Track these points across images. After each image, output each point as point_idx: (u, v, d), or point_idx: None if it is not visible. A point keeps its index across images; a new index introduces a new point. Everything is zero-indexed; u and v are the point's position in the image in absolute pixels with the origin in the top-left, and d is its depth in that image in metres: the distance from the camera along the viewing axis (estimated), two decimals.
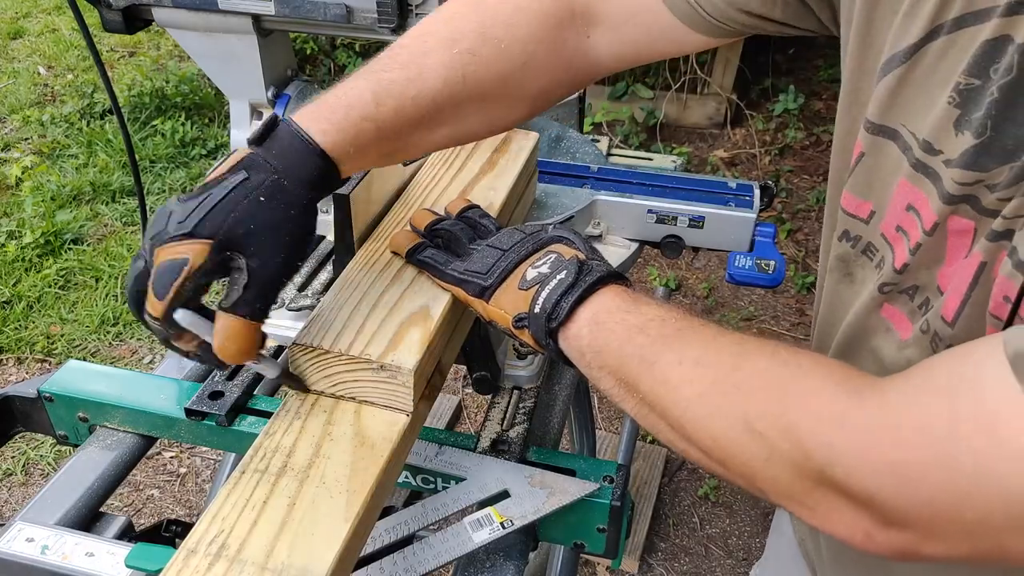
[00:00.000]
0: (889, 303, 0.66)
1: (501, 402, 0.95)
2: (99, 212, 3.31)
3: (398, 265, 0.83)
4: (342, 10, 0.95)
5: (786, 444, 0.53)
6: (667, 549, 2.20)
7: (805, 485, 0.53)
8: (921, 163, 0.60)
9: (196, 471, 2.39)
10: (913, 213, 0.61)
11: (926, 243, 0.60)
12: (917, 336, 0.63)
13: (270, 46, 1.04)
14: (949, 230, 0.58)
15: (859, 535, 0.53)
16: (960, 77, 0.55)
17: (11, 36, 4.70)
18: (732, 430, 0.56)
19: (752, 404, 0.56)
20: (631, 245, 1.12)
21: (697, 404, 0.59)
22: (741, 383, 0.57)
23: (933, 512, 0.48)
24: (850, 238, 0.70)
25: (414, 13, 0.96)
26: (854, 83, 0.67)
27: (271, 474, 0.67)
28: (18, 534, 0.80)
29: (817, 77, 4.17)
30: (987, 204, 0.55)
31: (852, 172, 0.67)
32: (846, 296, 0.72)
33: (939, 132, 0.58)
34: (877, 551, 0.53)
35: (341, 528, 0.63)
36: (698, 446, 0.59)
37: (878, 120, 0.63)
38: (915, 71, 0.59)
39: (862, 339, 0.69)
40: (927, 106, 0.59)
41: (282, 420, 0.72)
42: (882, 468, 0.49)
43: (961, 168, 0.55)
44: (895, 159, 0.62)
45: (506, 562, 0.81)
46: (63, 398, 0.93)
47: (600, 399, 2.60)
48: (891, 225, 0.64)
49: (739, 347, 0.60)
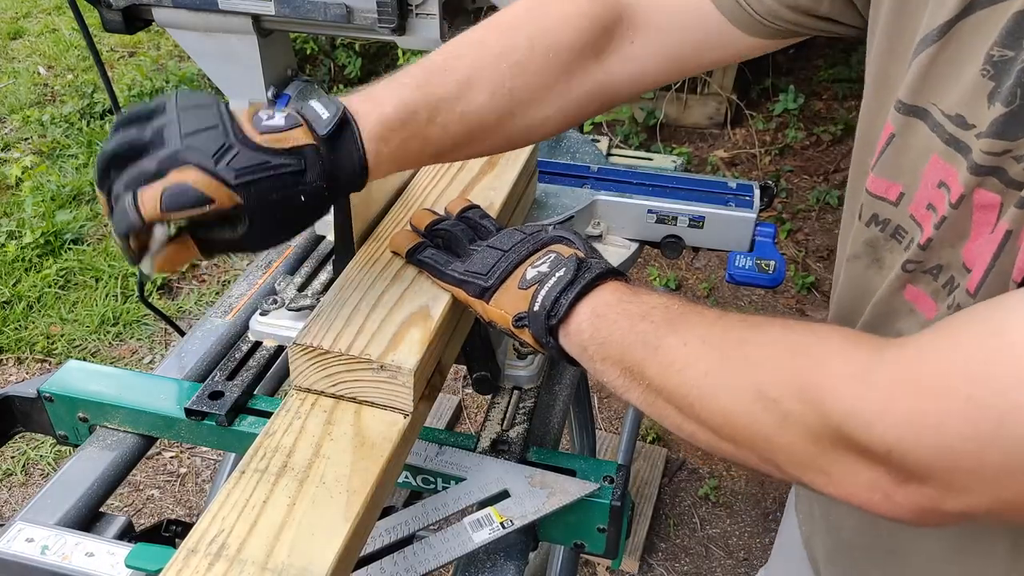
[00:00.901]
0: (912, 284, 0.65)
1: (501, 402, 0.95)
2: (99, 212, 3.31)
3: (398, 265, 0.83)
4: (342, 10, 0.95)
5: (801, 406, 0.53)
6: (667, 549, 2.20)
7: (821, 447, 0.52)
8: (953, 138, 0.59)
9: (196, 471, 2.39)
10: (944, 189, 0.61)
11: (951, 216, 0.59)
12: (943, 314, 0.62)
13: (270, 46, 1.04)
14: (975, 204, 0.58)
15: (877, 496, 0.52)
16: (993, 49, 0.55)
17: (11, 36, 4.70)
18: (742, 402, 0.56)
19: (763, 373, 0.55)
20: (631, 245, 1.12)
21: (705, 381, 0.58)
22: (750, 354, 0.57)
23: (955, 460, 0.47)
24: (878, 222, 0.69)
25: (414, 13, 0.96)
26: (883, 68, 0.67)
27: (271, 474, 0.67)
28: (18, 534, 0.80)
29: (817, 77, 4.17)
30: (1014, 175, 0.54)
31: (881, 155, 0.66)
32: (874, 282, 0.71)
33: (972, 105, 0.57)
34: (896, 513, 0.52)
35: (341, 528, 0.63)
36: (708, 424, 0.59)
37: (910, 100, 0.63)
38: (947, 48, 0.59)
39: (886, 323, 0.69)
40: (959, 81, 0.58)
41: (282, 420, 0.72)
42: (902, 419, 0.48)
43: (990, 138, 0.55)
44: (925, 138, 0.62)
45: (506, 562, 0.81)
46: (63, 398, 0.93)
47: (600, 399, 2.60)
48: (921, 204, 0.64)
49: (746, 323, 0.60)
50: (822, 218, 3.41)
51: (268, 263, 1.20)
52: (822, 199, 3.46)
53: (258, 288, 1.15)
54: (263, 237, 0.69)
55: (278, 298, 1.00)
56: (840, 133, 3.82)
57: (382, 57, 4.32)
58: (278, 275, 1.15)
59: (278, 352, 0.99)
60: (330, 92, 3.88)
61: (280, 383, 1.15)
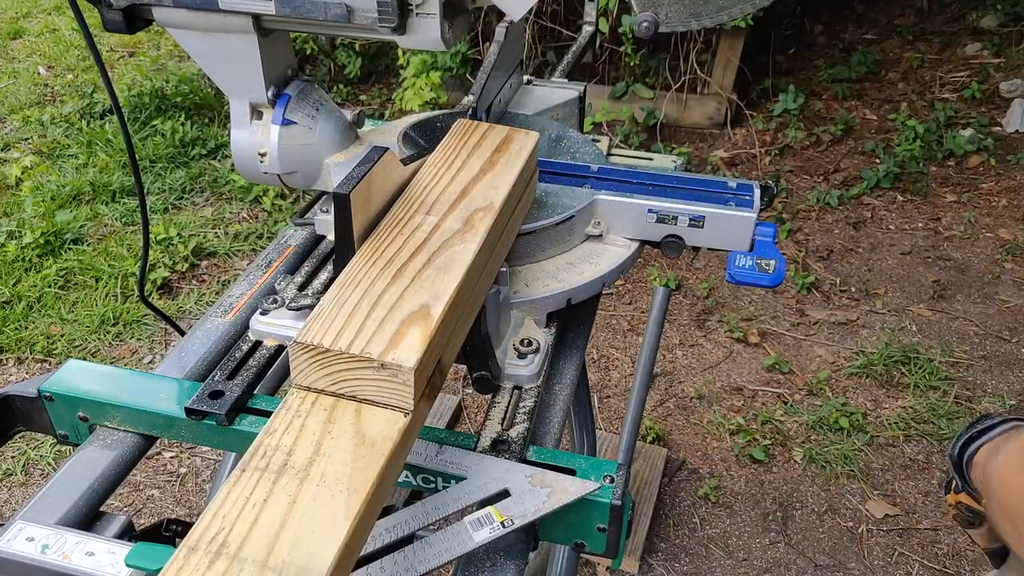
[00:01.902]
0: None
1: (501, 401, 0.94)
2: (99, 212, 3.31)
3: (398, 264, 0.83)
4: (343, 10, 0.95)
5: None
6: (667, 549, 2.20)
7: None
8: None
9: (196, 471, 2.39)
10: None
11: None
12: None
13: (270, 46, 1.04)
14: None
15: None
16: None
17: (11, 36, 4.70)
18: None
19: None
20: (631, 245, 1.12)
21: None
22: None
23: None
24: None
25: (415, 13, 0.95)
26: None
27: (271, 472, 0.67)
28: (18, 533, 0.80)
29: (817, 77, 4.17)
30: None
31: None
32: None
33: None
34: None
35: (342, 526, 0.63)
36: None
37: None
38: None
39: None
40: None
41: (282, 419, 0.72)
42: None
43: None
44: None
45: (506, 561, 0.81)
46: (63, 397, 0.93)
47: (600, 399, 2.60)
48: None
49: None
50: (822, 218, 3.41)
51: (268, 263, 1.20)
52: (822, 199, 3.46)
53: (258, 288, 1.15)
54: None
55: (278, 297, 1.00)
56: (840, 133, 3.82)
57: (382, 57, 4.32)
58: (278, 275, 1.15)
59: (278, 352, 0.99)
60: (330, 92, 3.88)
61: (280, 383, 1.15)
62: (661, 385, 2.69)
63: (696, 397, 2.64)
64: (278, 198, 3.39)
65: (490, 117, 1.25)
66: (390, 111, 3.94)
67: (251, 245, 3.21)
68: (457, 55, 3.75)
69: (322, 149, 1.10)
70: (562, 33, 3.81)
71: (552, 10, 3.76)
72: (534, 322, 1.03)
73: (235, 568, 0.60)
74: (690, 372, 2.74)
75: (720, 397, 2.64)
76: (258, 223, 3.32)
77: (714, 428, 2.54)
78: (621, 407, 2.58)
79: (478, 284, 0.87)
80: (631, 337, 2.87)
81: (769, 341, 2.85)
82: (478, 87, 1.20)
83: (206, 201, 3.46)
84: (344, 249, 0.85)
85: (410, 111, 3.45)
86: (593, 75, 3.89)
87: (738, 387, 2.68)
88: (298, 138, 1.08)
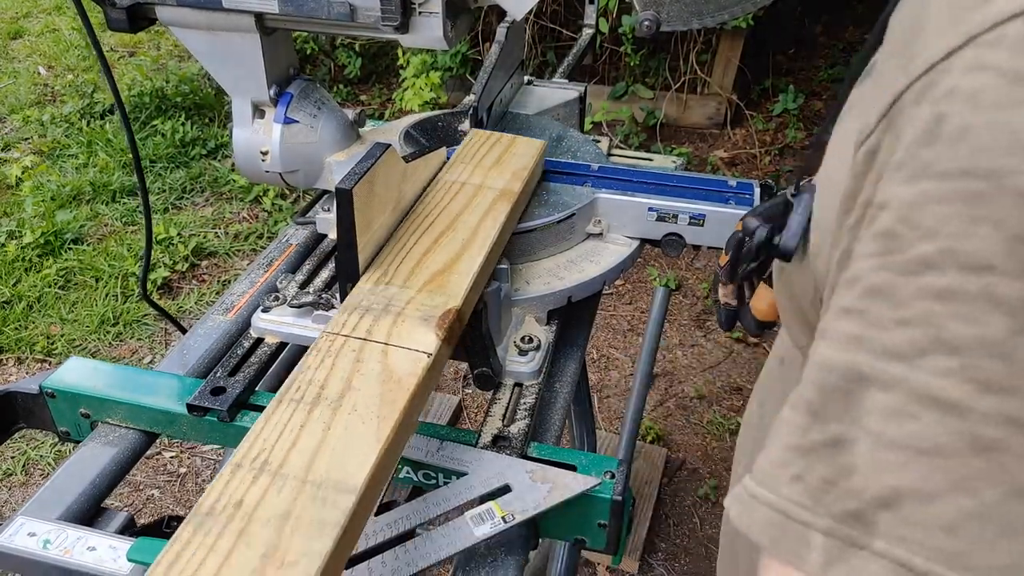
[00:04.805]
0: None
1: (502, 398, 0.95)
2: (99, 212, 3.31)
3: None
4: (346, 8, 0.95)
5: None
6: (667, 549, 2.20)
7: None
8: None
9: (196, 471, 2.39)
10: None
11: None
12: None
13: (273, 45, 1.04)
14: None
15: None
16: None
17: (11, 36, 4.70)
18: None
19: None
20: (632, 243, 1.13)
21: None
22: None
23: None
24: None
25: (417, 12, 0.96)
26: None
27: (306, 403, 0.72)
28: (20, 528, 0.80)
29: (817, 77, 4.17)
30: None
31: None
32: None
33: None
34: None
35: (374, 448, 0.68)
36: None
37: None
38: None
39: None
40: None
41: (314, 358, 0.77)
42: None
43: None
44: None
45: (507, 557, 0.81)
46: (65, 394, 0.93)
47: (600, 399, 2.60)
48: None
49: None
50: None
51: (270, 262, 1.20)
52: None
53: (260, 286, 1.15)
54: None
55: (280, 295, 1.01)
56: None
57: (382, 57, 4.33)
58: (280, 273, 1.15)
59: (280, 348, 0.99)
60: (330, 92, 3.89)
61: (282, 380, 1.15)
62: (661, 385, 2.69)
63: (696, 397, 2.64)
64: (278, 198, 3.40)
65: (491, 117, 1.26)
66: (390, 111, 3.94)
67: (251, 245, 3.22)
68: (457, 55, 3.76)
69: (324, 148, 1.10)
70: (562, 33, 3.81)
71: (552, 10, 3.77)
72: (535, 319, 1.03)
73: (278, 483, 0.65)
74: (690, 372, 2.74)
75: (720, 397, 2.65)
76: (258, 223, 3.33)
77: (714, 428, 2.54)
78: (621, 407, 2.58)
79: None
80: (631, 337, 2.87)
81: (769, 341, 2.85)
82: (479, 87, 1.21)
83: (206, 201, 3.46)
84: (346, 245, 0.85)
85: (410, 111, 3.46)
86: (593, 75, 3.90)
87: (738, 387, 2.68)
88: (300, 137, 1.08)
